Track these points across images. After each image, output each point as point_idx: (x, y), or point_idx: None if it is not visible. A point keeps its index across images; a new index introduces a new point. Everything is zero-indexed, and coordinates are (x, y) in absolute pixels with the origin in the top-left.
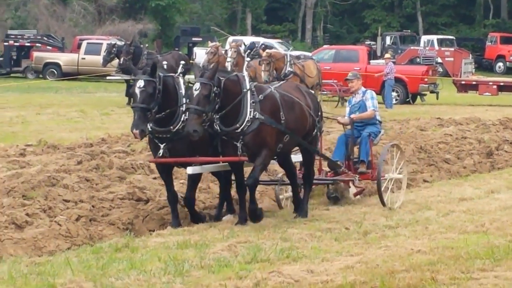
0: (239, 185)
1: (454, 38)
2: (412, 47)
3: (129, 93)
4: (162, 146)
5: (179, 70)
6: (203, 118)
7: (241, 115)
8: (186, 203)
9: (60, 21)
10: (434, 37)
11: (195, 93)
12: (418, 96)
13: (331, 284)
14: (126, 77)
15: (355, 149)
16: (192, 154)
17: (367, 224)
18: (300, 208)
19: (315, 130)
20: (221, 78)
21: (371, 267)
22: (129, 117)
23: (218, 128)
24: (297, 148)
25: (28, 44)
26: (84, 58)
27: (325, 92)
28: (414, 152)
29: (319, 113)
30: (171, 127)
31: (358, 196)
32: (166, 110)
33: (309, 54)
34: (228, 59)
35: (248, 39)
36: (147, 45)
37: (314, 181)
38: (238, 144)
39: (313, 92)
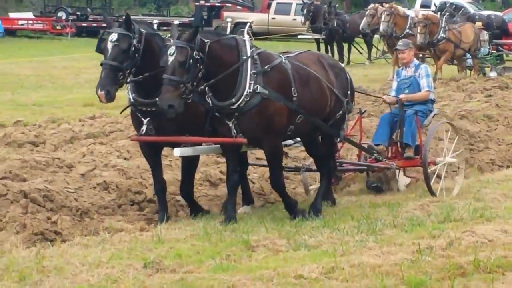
0: (229, 176)
1: None
2: None
3: (99, 49)
4: (145, 121)
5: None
6: (181, 90)
7: (238, 88)
8: (183, 194)
9: None
10: None
11: (170, 59)
12: None
13: None
14: (317, 35)
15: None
16: (182, 133)
17: None
18: (312, 203)
19: (341, 112)
20: (206, 41)
21: None
22: None
23: (210, 102)
24: None
25: (219, 4)
26: (274, 18)
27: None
28: None
29: (349, 92)
30: (157, 99)
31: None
32: (146, 74)
33: (500, 14)
34: (382, 22)
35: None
36: (337, 5)
37: (345, 168)
38: (231, 124)
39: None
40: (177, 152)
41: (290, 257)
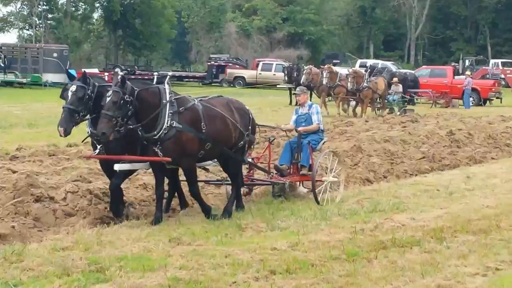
0: (157, 186)
1: None
2: (483, 67)
3: (62, 96)
4: (99, 147)
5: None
6: (114, 123)
7: (159, 123)
8: (112, 193)
9: (244, 48)
10: (499, 61)
11: (107, 99)
12: (488, 101)
13: (427, 228)
14: (289, 85)
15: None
16: (123, 154)
17: (452, 187)
18: (225, 207)
19: (242, 142)
20: (135, 89)
21: (454, 216)
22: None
23: (140, 134)
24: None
25: (223, 64)
26: (260, 73)
27: (419, 98)
28: (485, 138)
29: (249, 127)
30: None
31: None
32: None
33: (413, 71)
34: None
35: (370, 62)
36: (303, 64)
37: (255, 183)
38: (156, 149)
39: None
40: (117, 166)
41: (268, 235)
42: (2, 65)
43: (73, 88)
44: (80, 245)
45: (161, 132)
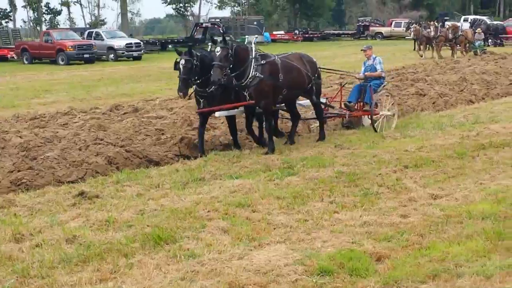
0: (247, 124)
1: None
2: None
3: (175, 67)
4: (202, 100)
5: None
6: (224, 72)
7: (246, 74)
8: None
9: (381, 12)
10: None
11: (217, 54)
12: None
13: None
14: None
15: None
16: (221, 104)
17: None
18: (321, 134)
19: (310, 84)
20: (234, 45)
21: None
22: (416, 57)
23: (234, 82)
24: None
25: (367, 24)
26: (393, 29)
27: (506, 42)
28: None
29: (316, 74)
30: (207, 89)
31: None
32: (202, 78)
33: (502, 22)
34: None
35: (471, 17)
36: (422, 22)
37: (331, 115)
38: (245, 94)
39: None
40: (217, 114)
41: (402, 141)
42: (222, 31)
43: (182, 61)
44: (276, 150)
45: (247, 80)
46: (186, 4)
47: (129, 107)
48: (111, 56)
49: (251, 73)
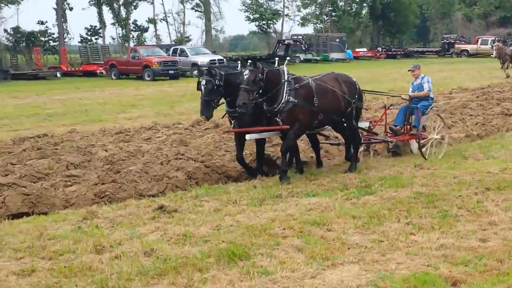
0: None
1: None
2: None
3: (198, 88)
4: (233, 122)
5: None
6: (251, 95)
7: (279, 98)
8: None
9: (467, 29)
10: None
11: (245, 77)
12: None
13: None
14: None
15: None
16: (253, 126)
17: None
18: (350, 166)
19: (349, 108)
20: (265, 69)
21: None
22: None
23: (265, 108)
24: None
25: (453, 41)
26: (480, 47)
27: None
28: None
29: (356, 96)
30: (237, 109)
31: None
32: (231, 97)
33: None
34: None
35: None
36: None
37: (372, 141)
38: (278, 119)
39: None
40: (248, 137)
41: (484, 162)
42: (304, 48)
43: (203, 82)
44: (355, 170)
45: (280, 105)
46: (269, 21)
47: (210, 123)
48: (195, 72)
49: (284, 97)
